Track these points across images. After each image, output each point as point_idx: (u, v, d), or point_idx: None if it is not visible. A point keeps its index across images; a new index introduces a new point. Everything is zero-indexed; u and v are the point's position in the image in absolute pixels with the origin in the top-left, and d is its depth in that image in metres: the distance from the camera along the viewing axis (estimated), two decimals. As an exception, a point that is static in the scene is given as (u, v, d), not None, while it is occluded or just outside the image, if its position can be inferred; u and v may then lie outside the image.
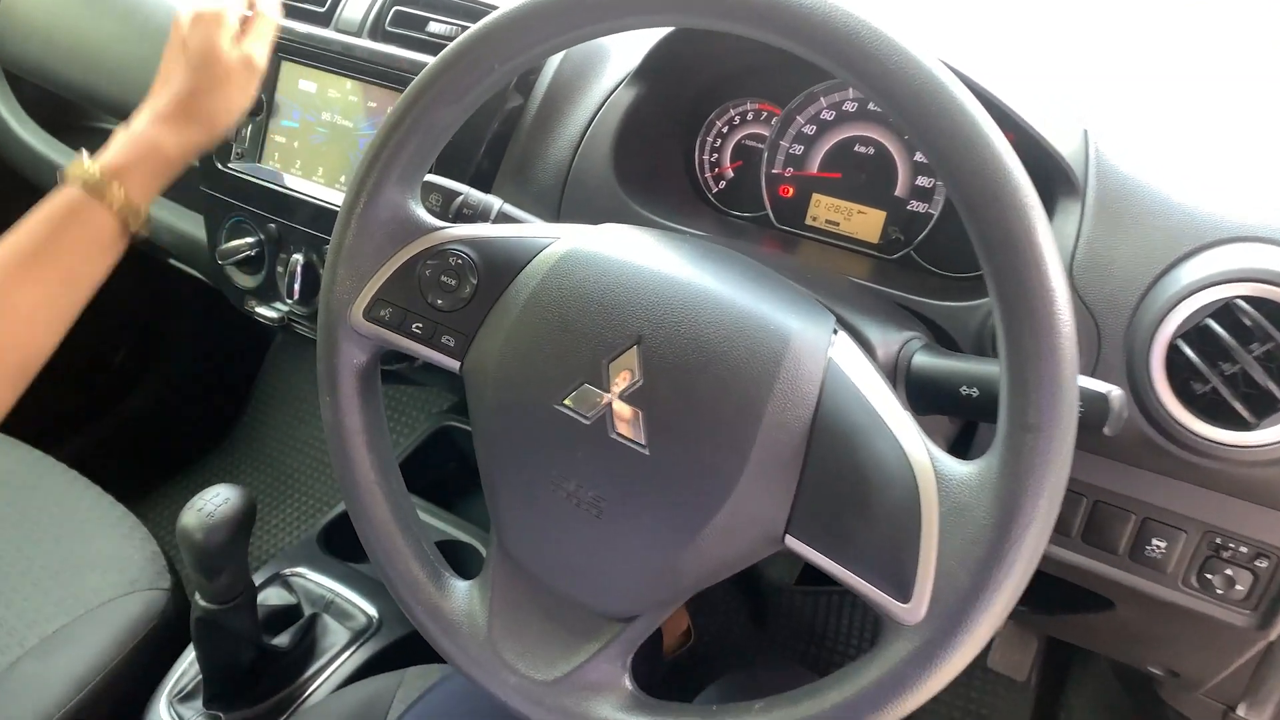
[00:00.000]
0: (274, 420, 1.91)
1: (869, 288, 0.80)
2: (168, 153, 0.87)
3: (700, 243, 0.69)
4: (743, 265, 0.67)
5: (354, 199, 0.69)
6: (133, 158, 0.85)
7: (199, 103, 0.88)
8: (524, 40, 0.62)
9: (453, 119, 0.67)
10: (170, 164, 0.88)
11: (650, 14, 0.58)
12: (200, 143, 0.90)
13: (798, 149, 0.94)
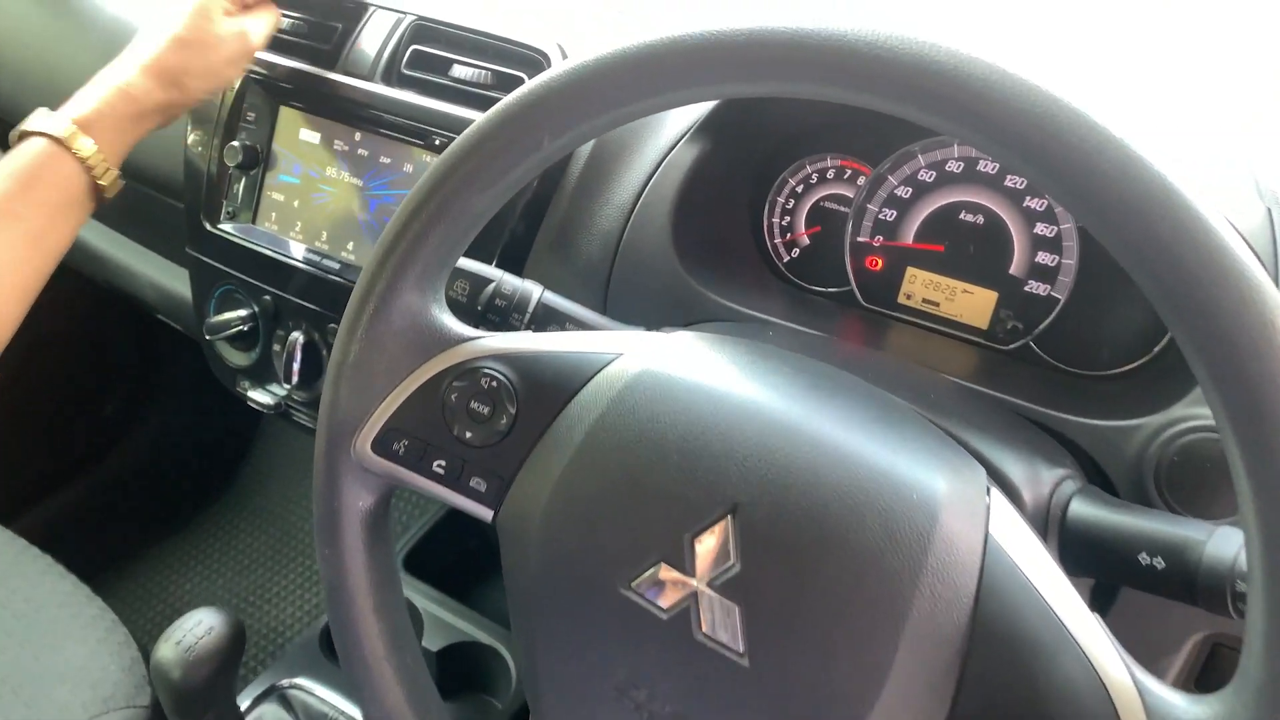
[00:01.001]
0: (277, 472, 1.76)
1: (988, 396, 0.66)
2: (142, 105, 0.78)
3: (807, 363, 0.55)
4: (864, 396, 0.53)
5: (362, 302, 0.54)
6: (103, 107, 0.76)
7: (182, 60, 0.79)
8: (590, 107, 0.48)
9: (486, 207, 0.53)
10: (142, 118, 0.78)
11: (774, 80, 0.44)
12: (175, 104, 0.80)
13: (889, 214, 0.79)
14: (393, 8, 0.83)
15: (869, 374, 0.65)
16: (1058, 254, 0.73)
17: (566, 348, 0.55)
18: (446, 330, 0.55)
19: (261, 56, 0.88)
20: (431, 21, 0.81)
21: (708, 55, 0.45)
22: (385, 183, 0.82)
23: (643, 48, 0.46)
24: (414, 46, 0.81)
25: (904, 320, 0.79)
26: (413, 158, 0.81)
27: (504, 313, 0.66)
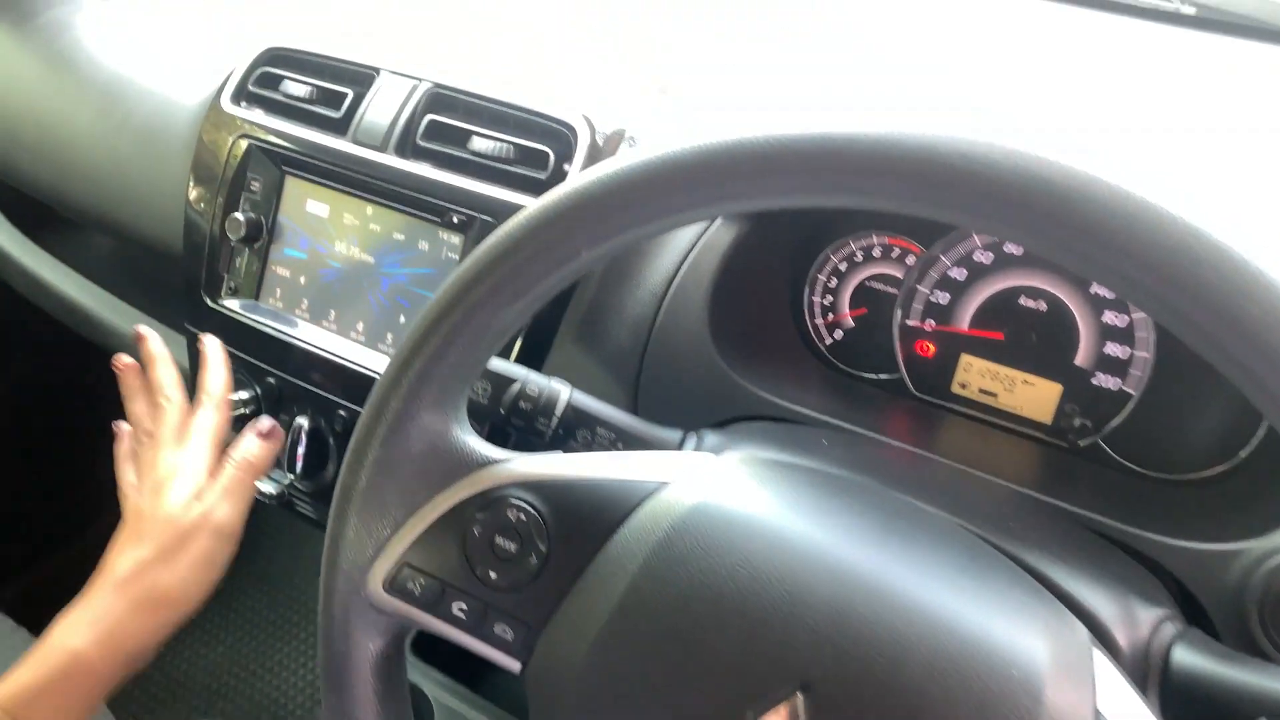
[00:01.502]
0: (279, 535, 1.70)
1: (1062, 510, 0.59)
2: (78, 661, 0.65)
3: (877, 494, 0.49)
4: (944, 537, 0.47)
5: (373, 423, 0.48)
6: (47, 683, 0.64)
7: (156, 577, 0.67)
8: (635, 216, 0.42)
9: (513, 321, 0.47)
10: (84, 678, 0.65)
11: (856, 194, 0.38)
12: (166, 625, 0.68)
13: (942, 297, 0.73)
14: (407, 74, 0.77)
15: (927, 485, 0.59)
16: (1129, 345, 0.67)
17: (603, 473, 0.49)
18: (468, 453, 0.49)
19: (267, 124, 0.83)
20: (448, 90, 0.76)
21: (779, 162, 0.39)
22: (398, 260, 0.77)
23: (702, 152, 0.40)
24: (430, 116, 0.76)
25: (958, 412, 0.73)
26: (429, 234, 0.75)
27: (529, 416, 0.60)
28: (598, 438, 0.60)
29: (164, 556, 0.67)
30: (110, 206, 0.96)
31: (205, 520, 0.69)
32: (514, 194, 0.72)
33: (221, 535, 0.70)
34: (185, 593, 0.68)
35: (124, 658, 0.66)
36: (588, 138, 0.70)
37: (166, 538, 0.68)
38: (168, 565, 0.67)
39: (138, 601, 0.66)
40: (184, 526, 0.68)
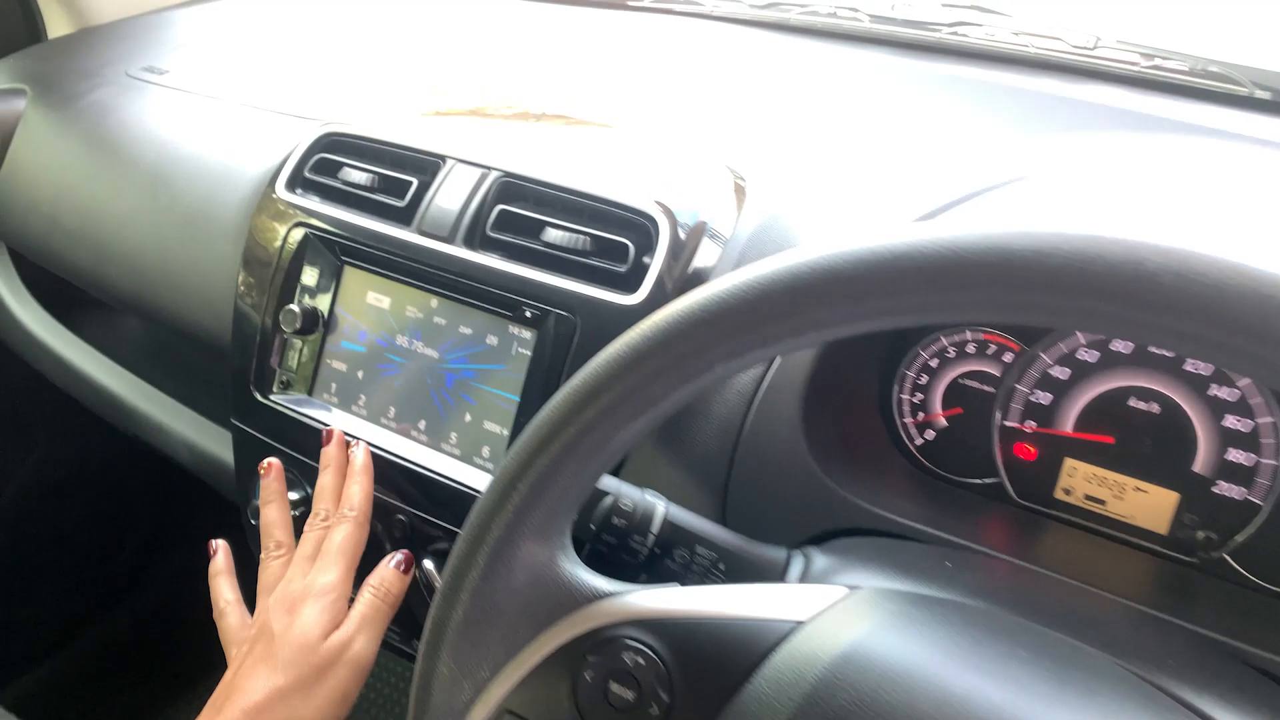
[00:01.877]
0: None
1: (1200, 635, 0.54)
2: None
3: (1034, 635, 0.44)
4: (1120, 688, 0.42)
5: (470, 553, 0.44)
6: None
7: (277, 710, 0.63)
8: (781, 329, 0.38)
9: (628, 441, 0.43)
10: None
11: (1043, 314, 0.34)
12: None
13: (1043, 398, 0.68)
14: (476, 161, 0.74)
15: (1043, 605, 0.54)
16: (1255, 452, 0.62)
17: (728, 610, 0.44)
18: (577, 586, 0.45)
19: (325, 211, 0.79)
20: (519, 179, 0.73)
21: (962, 274, 0.35)
22: (465, 356, 0.73)
23: (869, 257, 0.36)
24: (500, 206, 0.72)
25: (1064, 520, 0.69)
26: (498, 329, 0.71)
27: (622, 534, 0.55)
28: (697, 558, 0.55)
29: (302, 688, 0.63)
30: (153, 294, 0.92)
31: (345, 651, 0.65)
32: (592, 288, 0.68)
33: (359, 669, 0.65)
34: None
35: None
36: (669, 230, 0.67)
37: (306, 668, 0.63)
38: (305, 698, 0.63)
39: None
40: (324, 657, 0.64)
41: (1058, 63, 0.99)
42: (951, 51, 1.04)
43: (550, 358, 0.68)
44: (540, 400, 0.69)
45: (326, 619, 0.65)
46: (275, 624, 0.65)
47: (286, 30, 1.19)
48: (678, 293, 0.67)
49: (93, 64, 1.14)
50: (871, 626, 0.42)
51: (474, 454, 0.72)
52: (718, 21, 1.15)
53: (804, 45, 1.07)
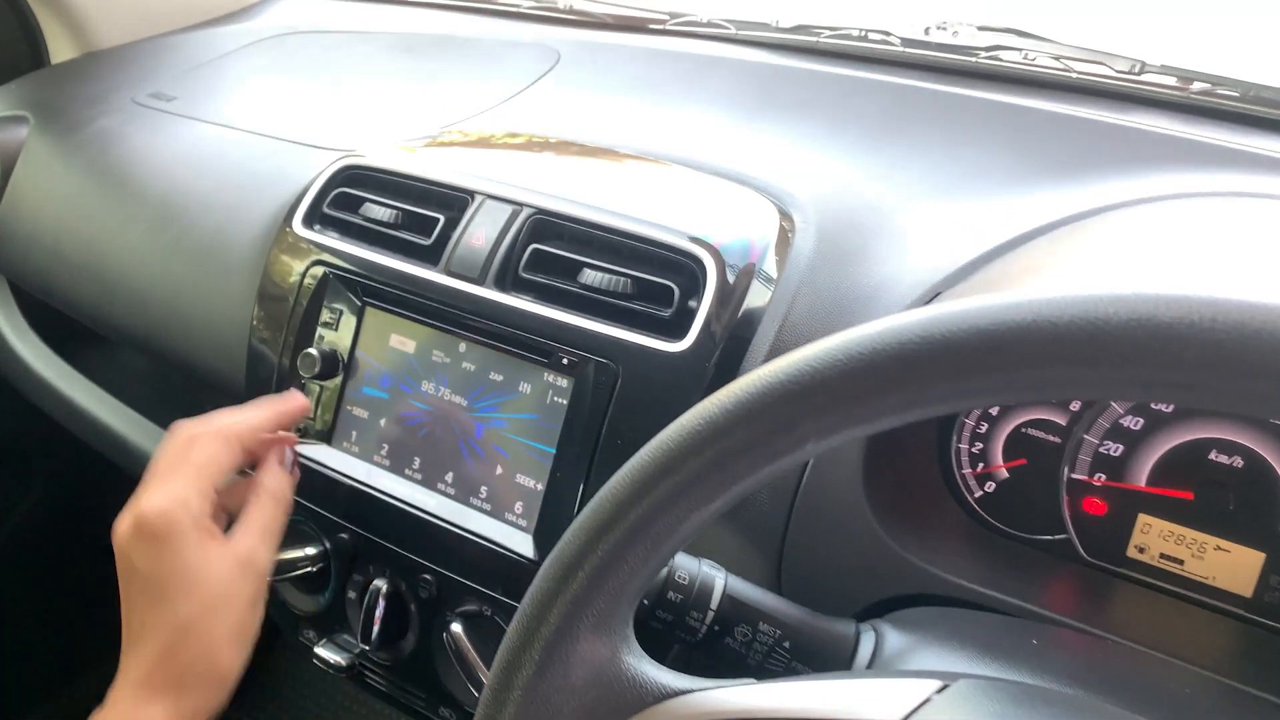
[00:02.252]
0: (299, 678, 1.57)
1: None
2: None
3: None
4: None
5: (523, 643, 0.40)
6: None
7: (185, 651, 0.58)
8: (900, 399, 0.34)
9: (702, 523, 0.38)
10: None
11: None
12: (200, 707, 0.59)
13: (1114, 449, 0.64)
14: (507, 198, 0.70)
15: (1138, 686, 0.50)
16: (1349, 511, 0.58)
17: (815, 708, 0.39)
18: (644, 684, 0.40)
19: (346, 249, 0.75)
20: (554, 216, 0.69)
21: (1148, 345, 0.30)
22: (495, 404, 0.68)
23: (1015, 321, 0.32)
24: (534, 245, 0.68)
25: (1137, 580, 0.64)
26: (532, 376, 0.67)
27: (679, 610, 0.51)
28: (759, 635, 0.51)
29: (210, 611, 0.58)
30: (161, 332, 0.88)
31: (248, 565, 0.61)
32: (634, 334, 0.64)
33: (262, 577, 0.62)
34: (234, 647, 0.60)
35: None
36: (716, 272, 0.63)
37: (210, 593, 0.59)
38: (218, 619, 0.59)
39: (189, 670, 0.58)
40: (225, 576, 0.59)
41: (1101, 89, 0.96)
42: (988, 77, 1.00)
43: (589, 408, 0.64)
44: (578, 453, 0.65)
45: (199, 538, 0.59)
46: (140, 560, 0.58)
47: (300, 55, 1.15)
48: (727, 340, 0.63)
49: (98, 90, 1.11)
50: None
51: (506, 509, 0.67)
52: (745, 46, 1.11)
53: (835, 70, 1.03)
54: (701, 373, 0.62)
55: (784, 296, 0.65)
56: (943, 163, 0.83)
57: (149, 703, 0.57)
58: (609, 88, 1.01)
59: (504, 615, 0.67)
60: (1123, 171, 0.80)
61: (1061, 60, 1.00)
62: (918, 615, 0.55)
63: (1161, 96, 0.92)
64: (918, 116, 0.92)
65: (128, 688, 0.58)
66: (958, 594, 0.60)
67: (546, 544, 0.65)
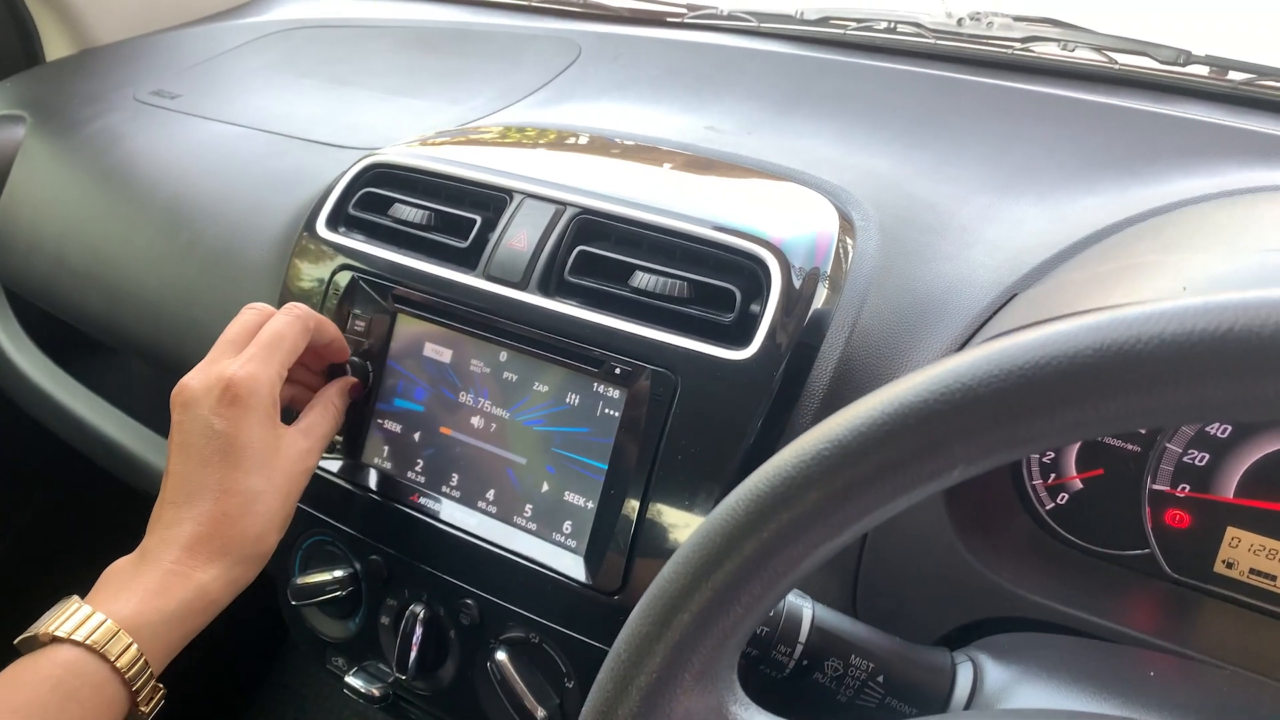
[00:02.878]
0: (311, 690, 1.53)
1: None
2: (206, 594, 0.57)
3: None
4: None
5: (613, 697, 0.36)
6: (154, 601, 0.56)
7: (242, 520, 0.59)
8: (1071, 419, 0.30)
9: (823, 559, 0.34)
10: (208, 609, 0.58)
11: None
12: (244, 578, 0.60)
13: (1199, 458, 0.60)
14: (548, 196, 0.66)
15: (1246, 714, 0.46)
16: None
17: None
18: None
19: (375, 253, 0.71)
20: (602, 216, 0.65)
21: None
22: (541, 417, 0.64)
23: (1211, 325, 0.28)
24: (580, 247, 0.64)
25: (1225, 597, 0.61)
26: (581, 387, 0.63)
27: (765, 644, 0.47)
28: (851, 669, 0.47)
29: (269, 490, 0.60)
30: (173, 341, 0.83)
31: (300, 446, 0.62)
32: (693, 341, 0.60)
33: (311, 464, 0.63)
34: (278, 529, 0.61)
35: (233, 594, 0.60)
36: (781, 274, 0.59)
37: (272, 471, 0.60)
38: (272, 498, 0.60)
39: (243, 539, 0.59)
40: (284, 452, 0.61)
41: (1145, 80, 0.92)
42: (1026, 69, 0.97)
43: (646, 420, 0.60)
44: (633, 469, 0.61)
45: (275, 416, 0.61)
46: (220, 421, 0.59)
47: (308, 50, 1.11)
48: (793, 347, 0.59)
49: (97, 87, 1.06)
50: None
51: (553, 530, 0.63)
52: (768, 39, 1.07)
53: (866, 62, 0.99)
54: (767, 383, 0.58)
55: (852, 300, 0.61)
56: (993, 158, 0.80)
57: (205, 565, 0.57)
58: (635, 81, 0.97)
59: (552, 642, 0.63)
60: (1180, 165, 0.77)
61: (1103, 51, 0.97)
62: (1012, 642, 0.52)
63: (1205, 87, 0.89)
64: (959, 109, 0.88)
65: (176, 547, 0.57)
66: (1039, 614, 0.56)
67: (598, 566, 0.61)
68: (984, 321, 0.61)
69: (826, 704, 0.48)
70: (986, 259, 0.64)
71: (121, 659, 0.53)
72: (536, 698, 0.61)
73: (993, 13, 1.07)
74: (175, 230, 0.85)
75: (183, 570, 0.57)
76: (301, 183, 0.82)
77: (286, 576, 0.73)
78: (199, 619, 0.57)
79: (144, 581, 0.56)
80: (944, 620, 0.57)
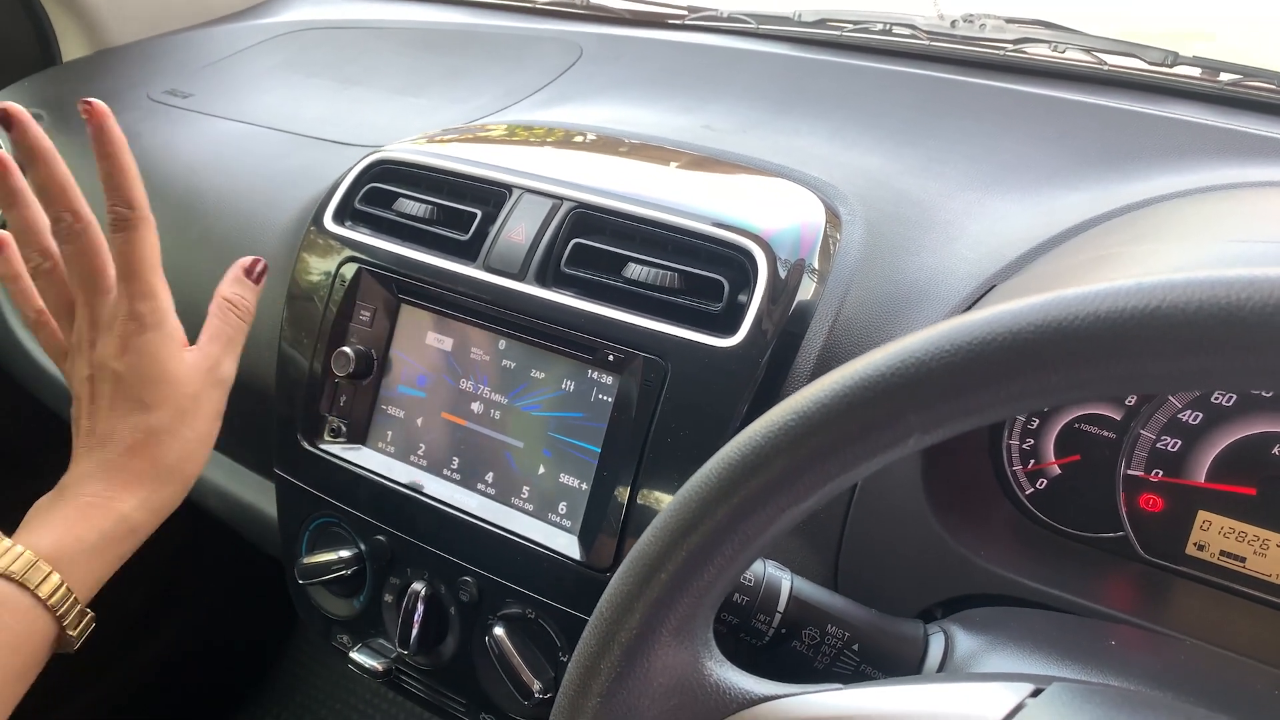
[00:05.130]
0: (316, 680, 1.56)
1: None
2: (126, 522, 0.59)
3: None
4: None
5: (599, 649, 0.38)
6: (73, 531, 0.57)
7: (157, 451, 0.61)
8: (1021, 387, 0.33)
9: (790, 524, 0.37)
10: (129, 537, 0.60)
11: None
12: (168, 503, 0.62)
13: (1171, 444, 0.63)
14: (546, 191, 0.69)
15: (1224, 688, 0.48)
16: None
17: (900, 715, 0.38)
18: (728, 690, 0.39)
19: (380, 246, 0.74)
20: (597, 210, 0.67)
21: None
22: (538, 402, 0.67)
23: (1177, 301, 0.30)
24: (576, 240, 0.67)
25: (1196, 579, 0.63)
26: (576, 374, 0.65)
27: (745, 612, 0.49)
28: (827, 637, 0.50)
29: (179, 417, 0.61)
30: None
31: (212, 374, 0.64)
32: (683, 329, 0.62)
33: (226, 388, 0.65)
34: (200, 452, 0.63)
35: (157, 520, 0.62)
36: (767, 266, 0.61)
37: (180, 398, 0.61)
38: (185, 425, 0.61)
39: (159, 468, 0.60)
40: (194, 384, 0.62)
41: (1133, 81, 0.94)
42: (1018, 70, 0.99)
43: (637, 405, 0.62)
44: (625, 452, 0.63)
45: (175, 344, 0.62)
46: (115, 362, 0.60)
47: (317, 51, 1.14)
48: (778, 335, 0.61)
49: (112, 87, 1.09)
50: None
51: (549, 510, 0.66)
52: (767, 40, 1.10)
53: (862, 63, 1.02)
54: (753, 370, 0.61)
55: (835, 291, 0.63)
56: (981, 156, 0.82)
57: (122, 493, 0.59)
58: (635, 82, 0.99)
59: (548, 618, 0.65)
60: (1164, 163, 0.79)
61: (1092, 53, 0.99)
62: (984, 615, 0.54)
63: (1192, 88, 0.91)
64: (950, 109, 0.91)
65: (93, 481, 0.59)
66: (1017, 592, 0.59)
67: (592, 545, 0.64)
68: (963, 311, 0.63)
69: (804, 671, 0.50)
70: (968, 252, 0.67)
71: (43, 588, 0.55)
72: (532, 670, 0.64)
73: (985, 15, 1.09)
74: (186, 224, 0.88)
75: (101, 501, 0.58)
76: (309, 179, 0.84)
77: (294, 557, 0.76)
78: (121, 546, 0.59)
79: (63, 514, 0.58)
80: (923, 597, 0.59)
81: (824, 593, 0.51)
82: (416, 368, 0.72)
